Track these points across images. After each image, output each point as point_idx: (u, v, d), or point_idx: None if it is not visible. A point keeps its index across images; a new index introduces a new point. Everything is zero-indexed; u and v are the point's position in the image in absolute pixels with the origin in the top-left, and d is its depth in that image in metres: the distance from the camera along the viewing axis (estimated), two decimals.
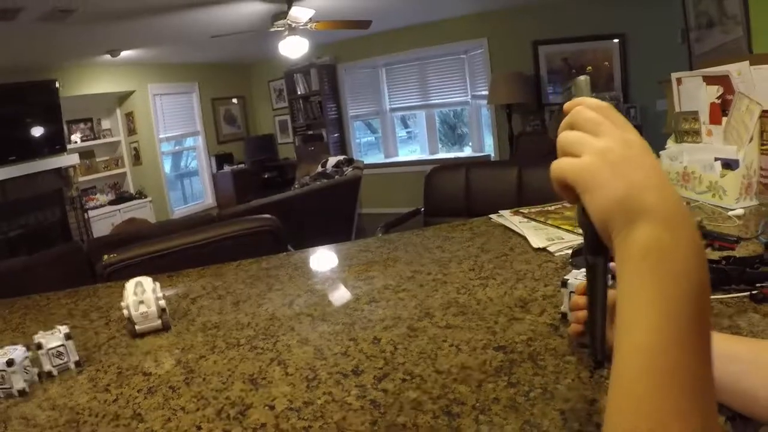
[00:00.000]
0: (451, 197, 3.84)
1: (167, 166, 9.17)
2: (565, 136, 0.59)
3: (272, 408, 0.90)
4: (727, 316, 1.05)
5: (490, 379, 0.91)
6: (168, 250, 2.28)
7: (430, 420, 0.82)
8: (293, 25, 5.63)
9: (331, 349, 1.10)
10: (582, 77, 0.64)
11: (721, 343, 0.80)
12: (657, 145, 2.24)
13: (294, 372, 1.02)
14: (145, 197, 8.65)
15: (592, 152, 0.55)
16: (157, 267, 1.47)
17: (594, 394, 0.83)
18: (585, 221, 0.55)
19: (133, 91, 8.30)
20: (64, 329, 1.17)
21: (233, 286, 1.58)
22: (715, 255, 1.27)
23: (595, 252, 0.57)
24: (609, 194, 0.52)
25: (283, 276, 1.65)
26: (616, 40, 6.80)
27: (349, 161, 6.07)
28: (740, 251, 1.32)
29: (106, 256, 2.23)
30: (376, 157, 9.16)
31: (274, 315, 1.34)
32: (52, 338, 1.15)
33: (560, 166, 0.57)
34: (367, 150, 9.47)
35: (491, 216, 2.07)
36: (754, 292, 1.11)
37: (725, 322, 1.03)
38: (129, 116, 8.51)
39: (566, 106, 0.61)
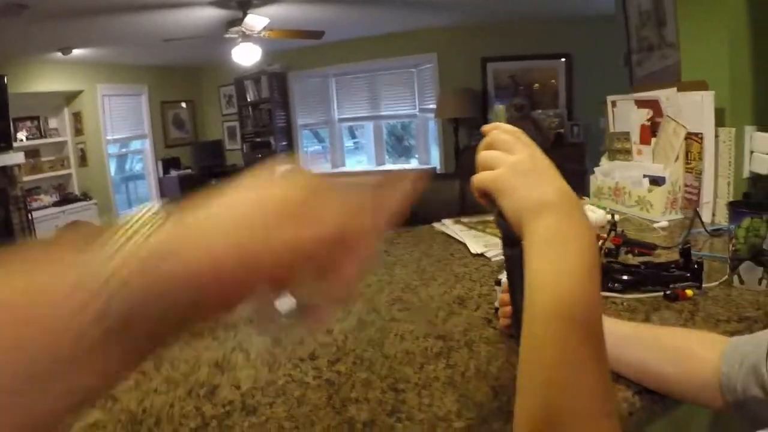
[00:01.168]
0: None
1: (113, 169, 9.02)
2: (484, 154, 0.71)
3: (238, 387, 0.99)
4: (643, 312, 1.19)
5: (431, 362, 1.03)
6: None
7: (379, 395, 0.92)
8: (247, 32, 5.67)
9: (289, 340, 1.20)
10: (499, 106, 0.77)
11: (627, 328, 0.94)
12: (598, 161, 2.39)
13: (255, 357, 1.12)
14: (90, 199, 8.49)
15: (505, 165, 0.67)
16: None
17: None
18: (501, 221, 0.67)
19: (82, 91, 8.18)
20: None
21: None
22: (635, 260, 1.41)
23: (512, 245, 0.67)
24: (520, 195, 0.65)
25: None
26: (562, 60, 7.02)
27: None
28: (660, 259, 1.46)
29: None
30: (323, 167, 9.18)
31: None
32: None
33: (480, 177, 0.70)
34: (314, 160, 9.49)
35: (434, 224, 2.18)
36: (667, 292, 1.25)
37: (640, 317, 1.17)
38: (77, 116, 8.35)
39: (484, 128, 0.75)
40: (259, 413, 0.90)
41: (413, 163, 8.63)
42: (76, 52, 6.96)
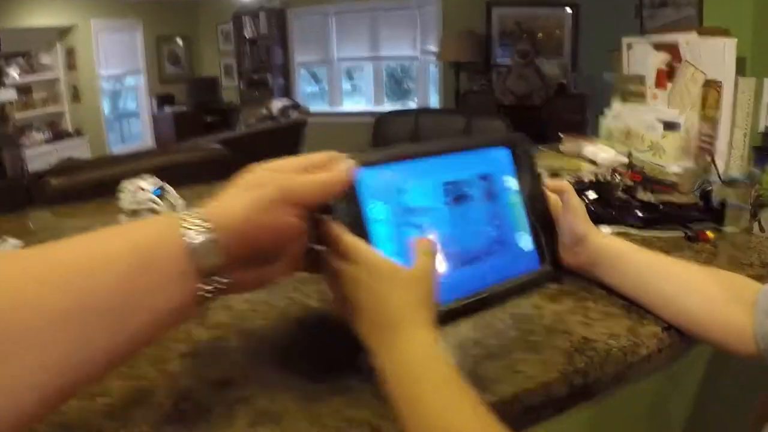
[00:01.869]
0: (399, 142, 3.86)
1: (107, 106, 8.90)
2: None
3: (230, 308, 0.93)
4: (664, 251, 1.13)
5: None
6: (120, 175, 2.22)
7: None
8: None
9: None
10: None
11: (655, 258, 0.89)
12: (600, 112, 2.33)
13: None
14: (83, 136, 8.39)
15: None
16: (102, 193, 1.44)
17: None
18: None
19: (75, 26, 7.99)
20: (15, 242, 1.18)
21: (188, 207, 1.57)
22: (653, 198, 1.35)
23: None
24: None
25: None
26: (569, 10, 6.88)
27: (295, 106, 6.05)
28: (679, 200, 1.40)
29: (53, 180, 2.17)
30: (319, 107, 9.08)
31: None
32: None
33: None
34: (310, 101, 9.33)
35: None
36: (689, 233, 1.19)
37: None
38: (69, 52, 8.17)
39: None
40: (254, 337, 0.85)
41: (412, 107, 8.52)
42: None
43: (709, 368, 1.78)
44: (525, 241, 0.92)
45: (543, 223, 0.94)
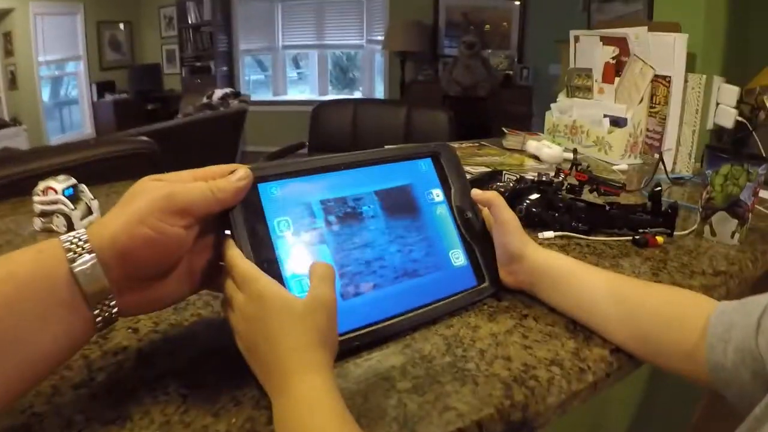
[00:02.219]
0: (337, 133, 3.75)
1: (45, 93, 8.54)
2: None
3: (135, 331, 0.82)
4: (611, 257, 1.06)
5: None
6: (39, 171, 2.07)
7: None
8: None
9: None
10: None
11: (604, 280, 0.80)
12: (546, 105, 2.27)
13: None
14: (21, 125, 8.01)
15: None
16: (23, 190, 1.34)
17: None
18: None
19: (13, 9, 7.60)
20: None
21: (104, 208, 1.41)
22: (600, 200, 1.27)
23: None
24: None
25: None
26: (517, 2, 6.85)
27: (236, 94, 5.87)
28: (623, 201, 1.33)
29: None
30: (265, 95, 8.94)
31: None
32: None
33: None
34: (256, 89, 9.17)
35: None
36: (636, 237, 1.12)
37: (607, 262, 1.04)
38: (6, 36, 7.74)
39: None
40: (156, 366, 0.73)
41: (357, 96, 8.42)
42: None
43: (648, 383, 1.73)
44: (458, 257, 0.83)
45: (476, 235, 0.85)
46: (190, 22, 8.79)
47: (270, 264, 0.66)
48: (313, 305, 0.60)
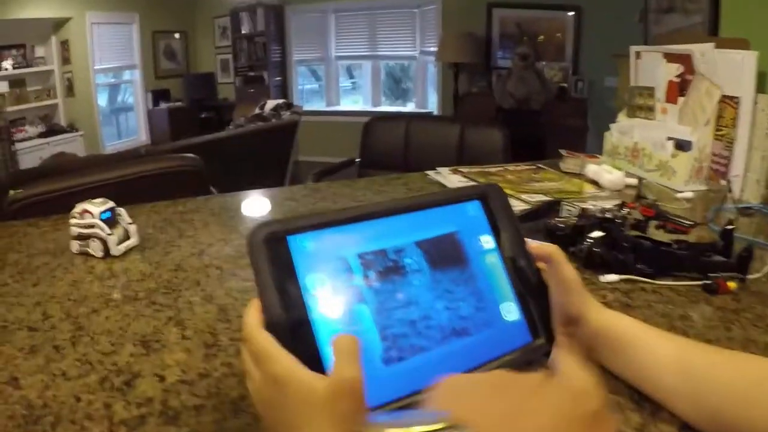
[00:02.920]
0: (388, 150, 3.68)
1: (103, 100, 8.71)
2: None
3: (162, 379, 0.77)
4: (680, 305, 0.97)
5: None
6: (81, 186, 2.05)
7: None
8: None
9: (237, 310, 0.97)
10: None
11: (674, 350, 0.71)
12: (602, 118, 2.17)
13: (192, 335, 0.90)
14: (77, 131, 8.19)
15: None
16: (68, 205, 1.32)
17: None
18: None
19: (70, 18, 7.78)
20: None
21: (142, 230, 1.41)
22: (666, 237, 1.18)
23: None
24: None
25: (198, 222, 1.50)
26: (571, 13, 6.72)
27: (288, 105, 5.87)
28: (691, 238, 1.24)
29: (12, 191, 2.03)
30: (318, 104, 8.95)
31: (180, 266, 1.20)
32: None
33: None
34: (310, 98, 9.21)
35: (428, 172, 1.97)
36: (707, 282, 1.03)
37: (677, 311, 0.95)
38: (64, 44, 7.94)
39: None
40: (181, 422, 0.68)
41: (409, 107, 8.38)
42: None
43: None
44: (510, 311, 0.74)
45: (531, 286, 0.75)
46: (243, 32, 8.89)
47: (302, 328, 0.59)
48: (337, 389, 0.51)
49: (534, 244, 0.75)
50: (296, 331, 0.57)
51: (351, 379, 0.51)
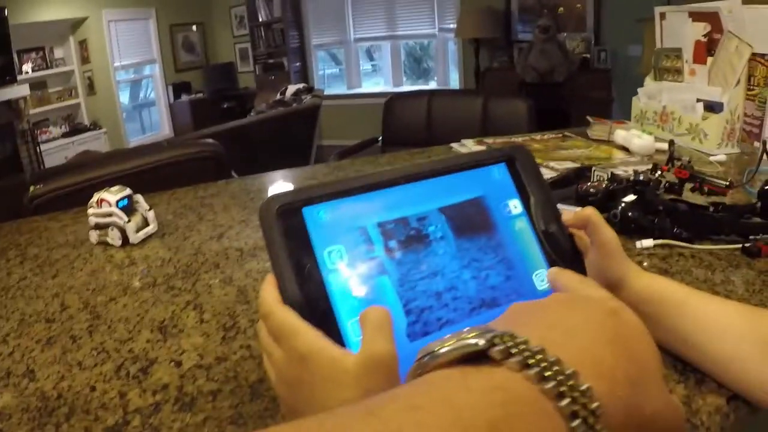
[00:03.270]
0: (411, 126, 3.63)
1: (125, 96, 8.75)
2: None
3: (178, 365, 0.75)
4: (720, 270, 0.92)
5: None
6: (100, 178, 2.04)
7: None
8: None
9: (257, 290, 0.94)
10: None
11: (719, 311, 0.66)
12: (626, 89, 2.11)
13: (210, 318, 0.87)
14: (100, 128, 8.24)
15: None
16: (88, 199, 1.30)
17: None
18: None
19: (87, 18, 7.80)
20: None
21: (162, 217, 1.39)
22: (702, 200, 1.13)
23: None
24: None
25: (218, 205, 1.48)
26: None
27: (309, 89, 5.84)
28: (728, 200, 1.18)
29: (32, 188, 2.02)
30: (340, 89, 8.91)
31: (199, 249, 1.18)
32: None
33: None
34: (331, 82, 9.16)
35: (453, 145, 1.93)
36: (747, 245, 0.97)
37: (718, 276, 0.90)
38: (82, 44, 7.98)
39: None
40: (197, 408, 0.65)
41: (432, 86, 8.30)
42: None
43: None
44: (543, 280, 0.68)
45: (564, 253, 0.69)
46: (260, 20, 8.83)
47: (321, 303, 0.56)
48: (368, 364, 0.46)
49: (569, 213, 0.69)
50: (314, 308, 0.54)
51: (383, 353, 0.47)
